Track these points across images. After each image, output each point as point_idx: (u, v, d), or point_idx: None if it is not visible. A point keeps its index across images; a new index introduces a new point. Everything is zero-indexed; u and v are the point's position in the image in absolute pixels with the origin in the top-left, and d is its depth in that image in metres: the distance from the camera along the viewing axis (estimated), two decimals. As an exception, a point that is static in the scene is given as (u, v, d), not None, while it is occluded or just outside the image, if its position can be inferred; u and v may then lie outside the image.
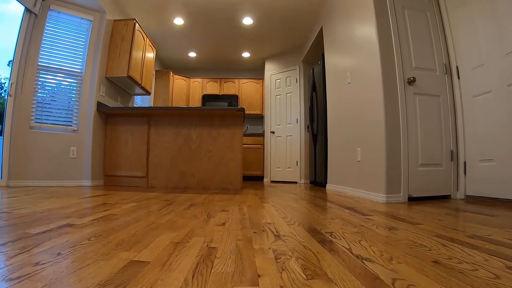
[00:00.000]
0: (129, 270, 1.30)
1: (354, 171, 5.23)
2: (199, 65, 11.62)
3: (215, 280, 1.22)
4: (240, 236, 2.01)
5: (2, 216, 2.47)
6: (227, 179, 6.29)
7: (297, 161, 9.20)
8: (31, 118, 5.87)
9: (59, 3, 6.25)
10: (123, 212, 2.84)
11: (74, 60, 6.40)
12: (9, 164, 5.67)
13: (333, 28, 6.45)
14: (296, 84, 9.53)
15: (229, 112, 6.24)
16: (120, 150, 6.63)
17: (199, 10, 7.56)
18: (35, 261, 1.36)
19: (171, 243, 1.78)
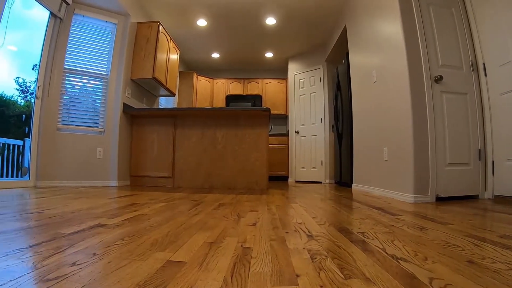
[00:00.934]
0: (167, 270, 1.28)
1: (381, 170, 5.17)
2: (222, 65, 11.63)
3: (254, 280, 1.21)
4: (273, 236, 1.99)
5: (33, 216, 2.47)
6: (253, 179, 6.27)
7: (321, 161, 9.14)
8: (58, 120, 5.94)
9: (84, 7, 6.32)
10: (153, 213, 2.84)
11: (99, 63, 6.46)
12: (37, 165, 5.75)
13: (357, 27, 6.40)
14: (320, 83, 9.47)
15: (255, 112, 6.23)
16: (146, 151, 6.66)
17: (222, 11, 7.56)
18: (71, 261, 1.35)
19: (205, 243, 1.77)
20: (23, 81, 8.87)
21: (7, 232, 1.87)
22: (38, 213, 2.66)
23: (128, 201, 3.74)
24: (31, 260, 1.35)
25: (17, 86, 8.68)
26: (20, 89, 8.90)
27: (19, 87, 8.80)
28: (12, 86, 8.43)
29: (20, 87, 8.86)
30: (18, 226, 2.08)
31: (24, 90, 9.19)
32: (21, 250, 1.51)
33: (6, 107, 7.66)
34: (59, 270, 1.23)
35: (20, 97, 8.57)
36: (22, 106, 8.44)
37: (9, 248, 1.53)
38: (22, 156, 7.71)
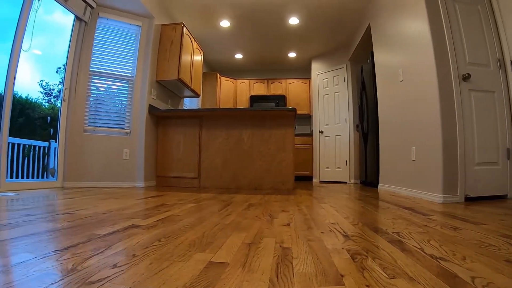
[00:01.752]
0: (210, 272, 1.26)
1: (408, 170, 5.09)
2: (245, 66, 11.63)
3: (300, 281, 1.19)
4: (309, 236, 1.97)
5: (65, 217, 2.47)
6: (279, 180, 6.23)
7: (346, 161, 9.07)
8: (84, 122, 5.99)
9: (108, 11, 6.38)
10: (184, 213, 2.82)
11: (124, 65, 6.51)
12: (64, 166, 5.81)
13: (382, 25, 6.32)
14: (344, 83, 9.40)
15: (281, 112, 6.20)
16: (172, 152, 6.68)
17: (246, 12, 7.55)
18: (112, 263, 1.33)
19: (243, 243, 1.75)
20: (46, 84, 8.96)
21: (41, 233, 1.86)
22: (69, 213, 2.66)
23: (158, 201, 3.73)
24: (70, 262, 1.33)
25: (41, 89, 8.77)
26: (44, 92, 9.00)
27: (43, 90, 8.89)
28: (36, 89, 8.52)
29: (44, 90, 8.95)
30: (52, 227, 2.07)
31: (48, 92, 9.28)
32: (58, 251, 1.49)
33: (31, 109, 7.74)
34: (101, 272, 1.20)
35: (44, 100, 8.66)
36: (47, 108, 8.52)
37: (46, 250, 1.51)
38: (47, 157, 7.77)
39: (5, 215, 2.56)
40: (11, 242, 1.64)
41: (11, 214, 2.60)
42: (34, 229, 1.99)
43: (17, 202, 3.54)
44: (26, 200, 3.70)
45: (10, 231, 1.90)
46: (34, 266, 1.24)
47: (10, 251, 1.50)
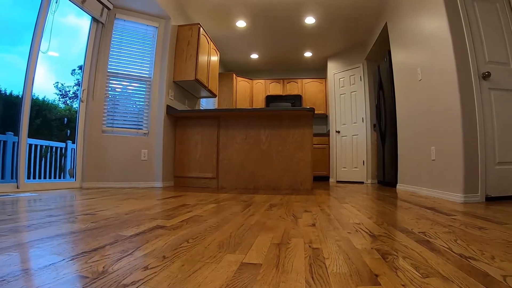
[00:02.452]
0: (245, 273, 1.23)
1: (428, 170, 5.03)
2: (261, 66, 11.61)
3: (336, 281, 1.17)
4: (336, 236, 1.95)
5: (88, 217, 2.46)
6: (298, 180, 6.20)
7: (363, 160, 9.02)
8: (102, 122, 6.02)
9: (125, 12, 6.41)
10: (207, 214, 2.81)
11: (142, 66, 6.54)
12: (82, 166, 5.84)
13: (399, 24, 6.26)
14: (360, 82, 9.34)
15: (299, 112, 6.18)
16: (190, 152, 6.69)
17: (262, 12, 7.52)
18: (143, 265, 1.30)
19: (272, 244, 1.72)
20: (62, 86, 9.03)
21: (66, 235, 1.85)
22: (92, 214, 2.65)
23: (178, 202, 3.72)
24: (100, 264, 1.30)
25: (57, 90, 8.85)
26: (60, 93, 9.07)
27: (59, 91, 8.97)
28: (52, 91, 8.59)
29: (59, 91, 9.03)
30: (76, 228, 2.06)
31: (63, 94, 9.36)
32: (86, 253, 1.47)
33: (48, 110, 7.79)
34: (133, 275, 1.17)
35: (60, 101, 8.72)
36: (63, 110, 8.58)
37: (73, 251, 1.49)
38: (64, 158, 7.83)
39: (27, 215, 2.56)
40: (36, 244, 1.62)
41: (33, 215, 2.60)
42: (58, 230, 1.97)
43: (38, 202, 3.55)
44: (46, 201, 3.71)
45: (34, 233, 1.89)
46: (64, 269, 1.22)
47: (37, 253, 1.48)
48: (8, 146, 5.93)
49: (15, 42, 6.05)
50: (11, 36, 5.77)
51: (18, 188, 4.82)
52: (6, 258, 1.36)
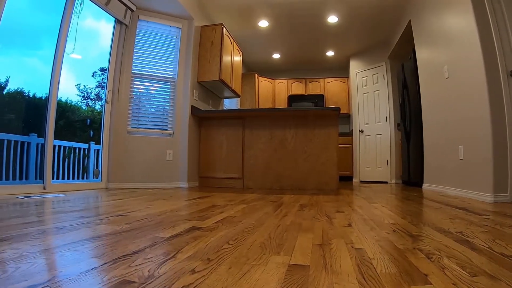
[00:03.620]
0: (295, 275, 1.20)
1: (456, 170, 4.95)
2: (283, 66, 11.58)
3: (388, 281, 1.16)
4: (376, 236, 1.93)
5: (121, 219, 2.45)
6: (323, 180, 6.15)
7: (387, 160, 8.93)
8: (127, 123, 6.05)
9: (148, 13, 6.44)
10: (240, 214, 2.78)
11: (166, 67, 6.57)
12: (108, 167, 5.88)
13: (424, 21, 6.18)
14: (383, 81, 9.25)
15: (324, 112, 6.15)
16: (215, 152, 6.71)
17: (285, 11, 7.50)
18: (189, 268, 1.27)
19: (314, 245, 1.70)
20: (84, 87, 9.10)
21: (102, 237, 1.82)
22: (123, 215, 2.64)
23: (207, 202, 3.70)
24: (145, 267, 1.27)
25: (78, 92, 8.91)
26: (82, 95, 9.13)
27: (80, 93, 9.03)
28: (74, 92, 8.66)
29: (81, 93, 9.09)
30: (110, 230, 2.04)
31: (85, 96, 9.42)
32: (127, 256, 1.44)
33: (71, 112, 7.84)
34: (182, 279, 1.14)
35: (82, 103, 8.79)
36: (85, 111, 8.64)
37: (114, 255, 1.46)
38: (87, 158, 7.88)
39: (58, 217, 2.55)
40: (73, 247, 1.59)
41: (64, 216, 2.59)
42: (92, 232, 1.95)
43: (66, 203, 3.55)
44: (74, 202, 3.72)
45: (68, 235, 1.87)
46: (107, 273, 1.19)
47: (76, 257, 1.44)
48: (32, 147, 5.97)
49: (35, 46, 6.12)
50: (31, 40, 5.84)
51: (44, 188, 4.86)
52: (44, 262, 1.34)
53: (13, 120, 5.91)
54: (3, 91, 5.57)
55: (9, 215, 2.55)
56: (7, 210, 2.91)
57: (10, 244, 1.61)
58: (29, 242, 1.67)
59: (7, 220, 2.33)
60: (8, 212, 2.74)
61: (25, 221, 2.31)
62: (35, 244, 1.64)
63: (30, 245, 1.61)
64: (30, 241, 1.70)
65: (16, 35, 4.98)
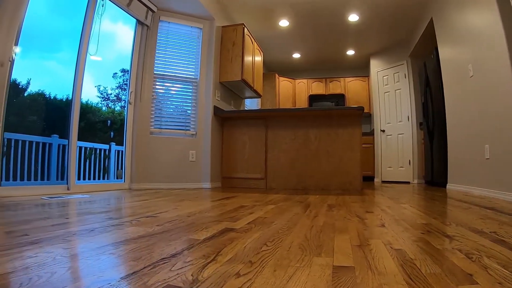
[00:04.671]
0: (342, 276, 1.18)
1: (481, 169, 4.88)
2: (303, 66, 11.55)
3: (435, 281, 1.14)
4: (412, 237, 1.90)
5: (151, 220, 2.44)
6: (347, 180, 6.11)
7: (409, 160, 8.85)
8: (150, 124, 6.08)
9: (169, 14, 6.48)
10: (270, 215, 2.76)
11: (187, 67, 6.61)
12: (131, 168, 5.91)
13: (446, 19, 6.10)
14: (405, 79, 9.17)
15: (348, 111, 6.14)
16: (237, 153, 6.72)
17: (305, 10, 7.48)
18: (233, 271, 1.24)
19: (352, 246, 1.67)
20: (104, 89, 9.17)
21: (136, 239, 1.80)
22: (153, 216, 2.63)
23: (234, 203, 3.69)
24: (187, 271, 1.23)
25: (98, 93, 8.98)
26: (102, 96, 9.21)
27: (100, 94, 9.11)
28: (94, 94, 8.74)
29: (101, 94, 9.16)
30: (143, 231, 2.01)
31: (105, 97, 9.49)
32: (166, 259, 1.41)
33: (92, 113, 7.90)
34: (229, 283, 1.11)
35: (102, 104, 8.87)
36: (106, 112, 8.70)
37: (152, 258, 1.43)
38: (108, 159, 7.93)
39: (87, 218, 2.55)
40: (108, 250, 1.56)
41: (92, 217, 2.59)
42: (125, 234, 1.93)
43: (93, 204, 3.57)
44: (100, 203, 3.74)
45: (100, 237, 1.85)
46: (149, 278, 1.15)
47: (113, 260, 1.43)
48: (54, 148, 6.03)
49: (54, 49, 6.21)
50: (49, 43, 5.92)
51: (68, 189, 4.88)
52: (80, 267, 1.32)
53: (35, 121, 5.97)
54: (24, 93, 5.62)
55: (37, 217, 2.55)
56: (33, 211, 2.92)
57: (41, 248, 1.58)
58: (61, 245, 1.65)
59: (35, 221, 2.32)
60: (35, 214, 2.74)
61: (54, 223, 2.30)
62: (68, 247, 1.63)
63: (62, 248, 1.59)
64: (61, 244, 1.68)
65: (35, 39, 5.04)
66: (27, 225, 2.16)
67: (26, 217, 2.52)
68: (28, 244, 1.63)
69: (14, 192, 4.14)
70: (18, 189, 4.37)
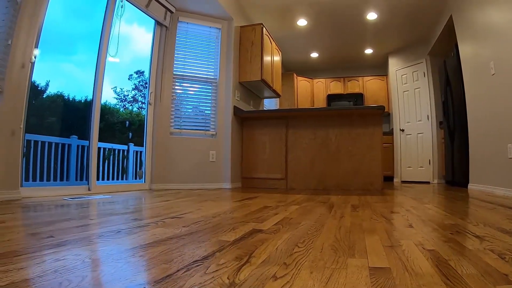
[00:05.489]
0: (380, 278, 1.16)
1: (504, 169, 4.81)
2: (321, 65, 11.53)
3: (473, 282, 1.13)
4: (442, 238, 1.89)
5: (176, 221, 2.44)
6: (368, 180, 6.08)
7: (429, 160, 8.78)
8: (170, 125, 6.11)
9: (187, 15, 6.51)
10: (296, 216, 2.74)
11: (207, 67, 6.65)
12: (151, 168, 5.96)
13: (466, 16, 6.03)
14: (424, 78, 9.10)
15: (368, 111, 6.12)
16: (257, 153, 6.72)
17: (323, 9, 7.45)
18: (268, 273, 1.22)
19: (384, 246, 1.66)
20: (121, 90, 9.23)
21: (164, 241, 1.77)
22: (178, 217, 2.62)
23: (257, 204, 3.69)
24: (223, 274, 1.21)
25: (115, 95, 9.05)
26: (118, 98, 9.26)
27: (117, 96, 9.17)
28: (110, 95, 8.82)
29: (118, 96, 9.22)
30: (170, 233, 2.00)
31: (122, 98, 9.55)
32: (198, 262, 1.38)
33: (110, 114, 7.96)
34: (267, 286, 1.09)
35: (119, 106, 8.94)
36: (124, 113, 8.76)
37: (184, 260, 1.40)
38: (126, 160, 7.98)
39: (112, 220, 2.54)
40: (137, 253, 1.55)
41: (117, 218, 2.59)
42: (153, 236, 1.92)
43: (115, 205, 3.60)
44: (123, 203, 3.77)
45: (127, 239, 1.83)
46: (185, 282, 1.12)
47: (144, 263, 1.40)
48: (73, 149, 6.08)
49: (70, 52, 6.30)
50: (66, 46, 6.00)
51: (89, 190, 4.92)
52: (111, 271, 1.27)
53: (54, 122, 6.03)
54: (43, 95, 5.68)
55: (60, 218, 2.56)
56: (56, 212, 2.94)
57: (69, 250, 1.56)
58: (89, 247, 1.64)
59: (60, 223, 2.32)
60: (58, 215, 2.75)
61: (79, 224, 2.31)
62: (96, 249, 1.62)
63: (90, 251, 1.58)
64: (89, 246, 1.68)
65: (52, 42, 5.09)
66: (51, 227, 2.16)
67: (50, 218, 2.54)
68: (55, 246, 1.61)
69: (36, 193, 4.19)
70: (40, 190, 4.42)
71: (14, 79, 3.69)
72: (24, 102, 3.88)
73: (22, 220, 2.52)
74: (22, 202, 3.57)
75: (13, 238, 1.82)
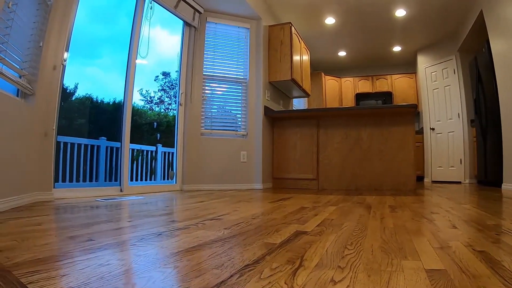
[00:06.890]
0: (440, 280, 1.15)
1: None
2: (349, 64, 11.49)
3: None
4: (489, 238, 1.87)
5: (216, 223, 2.43)
6: (400, 180, 6.00)
7: (460, 159, 8.64)
8: (201, 125, 6.15)
9: (215, 15, 6.56)
10: (336, 217, 2.72)
11: (236, 67, 6.68)
12: (183, 169, 5.98)
13: (498, 11, 5.91)
14: (454, 75, 8.95)
15: (400, 109, 6.03)
16: (288, 153, 6.70)
17: (352, 6, 7.41)
18: (325, 278, 1.20)
19: (434, 248, 1.64)
20: (147, 92, 9.30)
21: (210, 244, 1.74)
22: (217, 219, 2.62)
23: (293, 204, 3.67)
24: (279, 279, 1.18)
25: (141, 97, 9.13)
26: (145, 99, 9.33)
27: (143, 97, 9.24)
28: (137, 97, 8.92)
29: (144, 97, 9.29)
30: (213, 236, 1.97)
31: (148, 100, 9.62)
32: (250, 266, 1.35)
33: (138, 116, 8.02)
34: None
35: (145, 107, 9.03)
36: (151, 114, 8.83)
37: (235, 265, 1.37)
38: (155, 161, 8.04)
39: (150, 221, 2.52)
40: (184, 257, 1.50)
41: (155, 220, 2.57)
42: (196, 238, 1.89)
43: (150, 206, 3.61)
44: (157, 204, 3.81)
45: (171, 242, 1.80)
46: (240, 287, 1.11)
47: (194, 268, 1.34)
48: (101, 150, 6.15)
49: (94, 56, 6.40)
50: (90, 50, 6.10)
51: (121, 191, 4.99)
52: (161, 277, 1.22)
53: (83, 124, 6.10)
54: (72, 97, 5.75)
55: (97, 220, 2.55)
56: (92, 213, 2.96)
57: (112, 254, 1.53)
58: (131, 252, 1.62)
59: (97, 225, 2.30)
60: (94, 216, 2.76)
61: (117, 226, 2.30)
62: (139, 253, 1.57)
63: (134, 255, 1.55)
64: (131, 250, 1.65)
65: (79, 46, 5.17)
66: (89, 229, 2.14)
67: (86, 220, 2.53)
68: (96, 250, 1.58)
69: (68, 194, 4.26)
70: (72, 191, 4.49)
71: (46, 81, 3.76)
72: (56, 104, 3.93)
73: (58, 223, 2.52)
74: (55, 203, 3.62)
75: (51, 241, 1.79)
